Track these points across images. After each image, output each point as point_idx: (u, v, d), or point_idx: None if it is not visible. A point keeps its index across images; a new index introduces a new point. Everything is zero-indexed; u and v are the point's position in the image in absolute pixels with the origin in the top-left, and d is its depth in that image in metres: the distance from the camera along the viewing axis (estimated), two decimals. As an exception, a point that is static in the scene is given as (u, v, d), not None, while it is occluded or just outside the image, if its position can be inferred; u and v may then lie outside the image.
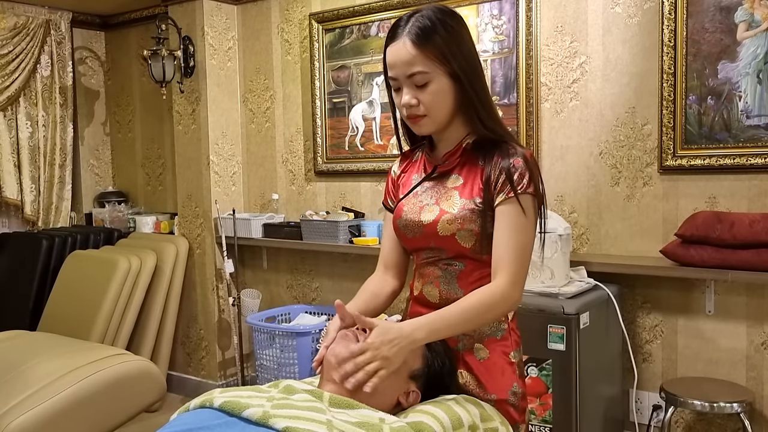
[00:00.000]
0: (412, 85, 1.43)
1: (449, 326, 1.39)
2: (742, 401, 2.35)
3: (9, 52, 4.08)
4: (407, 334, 1.34)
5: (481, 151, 1.50)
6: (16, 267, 4.00)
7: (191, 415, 1.26)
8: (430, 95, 1.43)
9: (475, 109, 1.47)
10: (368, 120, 3.53)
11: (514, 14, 2.98)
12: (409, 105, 1.44)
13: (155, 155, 4.50)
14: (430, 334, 1.37)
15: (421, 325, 1.37)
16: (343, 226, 3.41)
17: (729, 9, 2.52)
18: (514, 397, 1.51)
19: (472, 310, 1.41)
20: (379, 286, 1.65)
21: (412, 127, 1.51)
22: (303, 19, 3.72)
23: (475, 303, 1.41)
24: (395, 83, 1.47)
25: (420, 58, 1.40)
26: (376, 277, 1.68)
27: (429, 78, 1.42)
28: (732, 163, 2.55)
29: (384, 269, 1.68)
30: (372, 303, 1.62)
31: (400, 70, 1.43)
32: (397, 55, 1.43)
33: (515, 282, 1.43)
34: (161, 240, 4.03)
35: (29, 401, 2.52)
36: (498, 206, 1.45)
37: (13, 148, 4.18)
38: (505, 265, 1.43)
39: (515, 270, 1.43)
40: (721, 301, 2.62)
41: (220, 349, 4.04)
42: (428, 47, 1.40)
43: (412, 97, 1.44)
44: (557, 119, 2.94)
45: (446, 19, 1.44)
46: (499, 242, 1.45)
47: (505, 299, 1.43)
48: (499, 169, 1.46)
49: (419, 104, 1.44)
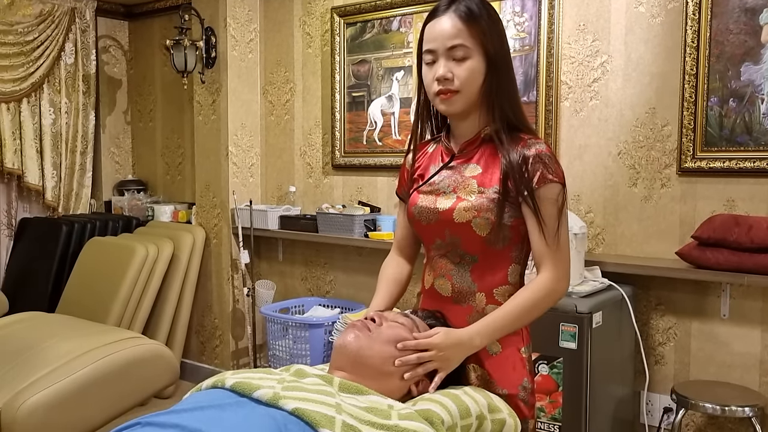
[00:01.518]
0: (450, 59, 1.45)
1: (503, 327, 1.46)
2: (754, 406, 2.33)
3: (34, 39, 4.14)
4: (467, 340, 1.42)
5: (500, 141, 1.50)
6: (36, 251, 4.06)
7: (203, 395, 1.28)
8: (466, 71, 1.45)
9: (501, 97, 1.49)
10: (387, 115, 3.54)
11: (536, 11, 2.98)
12: (444, 78, 1.45)
13: (175, 145, 4.54)
14: (485, 339, 1.45)
15: (478, 331, 1.43)
16: (358, 220, 3.42)
17: (754, 10, 2.50)
18: (524, 392, 1.52)
19: (522, 309, 1.46)
20: (398, 271, 1.71)
21: (442, 103, 1.49)
22: (325, 12, 3.74)
23: (524, 301, 1.46)
24: (431, 56, 1.47)
25: (464, 33, 1.43)
26: (392, 260, 1.73)
27: (468, 54, 1.44)
28: (752, 166, 2.53)
29: (398, 253, 1.74)
30: (395, 290, 1.68)
31: (440, 43, 1.45)
32: (441, 27, 1.45)
33: (561, 275, 1.47)
34: (178, 229, 4.07)
35: (45, 380, 2.56)
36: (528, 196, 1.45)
37: (36, 135, 4.24)
38: (548, 258, 1.46)
39: (559, 263, 1.46)
40: (737, 305, 2.60)
41: (233, 339, 4.07)
42: (473, 25, 1.44)
43: (447, 70, 1.45)
44: (576, 118, 2.93)
45: (489, 9, 1.49)
46: (534, 235, 1.47)
47: (552, 293, 1.47)
48: (523, 158, 1.45)
49: (453, 79, 1.45)
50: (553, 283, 1.46)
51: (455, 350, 1.40)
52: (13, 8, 4.06)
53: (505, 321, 1.45)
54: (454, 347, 1.40)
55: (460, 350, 1.41)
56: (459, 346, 1.40)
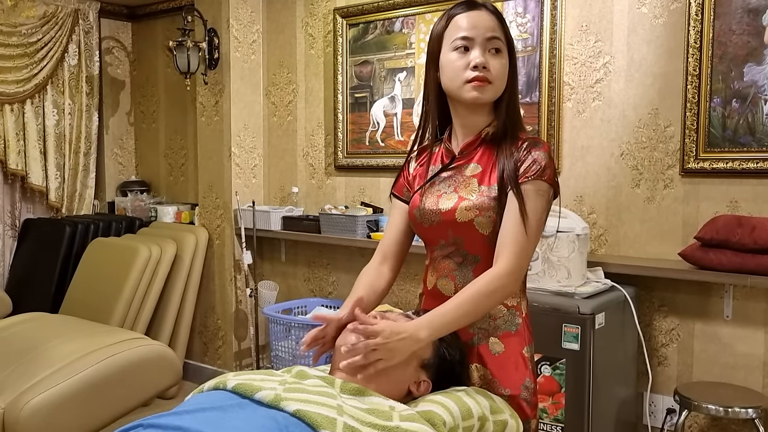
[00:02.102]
0: (487, 49, 1.48)
1: (452, 320, 1.41)
2: (757, 407, 2.32)
3: (38, 41, 4.15)
4: (413, 332, 1.36)
5: (499, 141, 1.52)
6: (39, 252, 4.08)
7: (205, 396, 1.28)
8: (501, 65, 1.50)
9: (509, 99, 1.53)
10: (389, 116, 3.54)
11: (538, 12, 2.98)
12: (483, 65, 1.47)
13: (178, 146, 4.55)
14: (432, 332, 1.39)
15: (423, 324, 1.38)
16: (361, 221, 3.42)
17: (757, 11, 2.50)
18: (526, 392, 1.52)
19: (471, 302, 1.42)
20: (376, 278, 1.64)
21: (474, 90, 1.48)
22: (327, 13, 3.74)
23: (473, 293, 1.42)
24: (466, 42, 1.48)
25: (500, 29, 1.50)
26: (372, 267, 1.67)
27: (503, 49, 1.50)
28: (755, 167, 2.52)
29: (381, 259, 1.67)
30: (370, 297, 1.61)
31: (481, 31, 1.48)
32: (481, 18, 1.50)
33: (515, 268, 1.44)
34: (181, 230, 4.08)
35: (48, 380, 2.57)
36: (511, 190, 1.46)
37: (40, 136, 4.25)
38: (507, 247, 1.44)
39: (517, 253, 1.44)
40: (740, 307, 2.60)
41: (236, 340, 4.07)
42: (505, 26, 1.52)
43: (485, 60, 1.47)
44: (579, 119, 2.93)
45: None
46: (505, 226, 1.46)
47: (503, 287, 1.44)
48: (516, 156, 1.48)
49: (490, 69, 1.48)
50: (507, 276, 1.42)
51: (400, 342, 1.33)
52: (17, 10, 4.08)
53: (454, 315, 1.40)
54: (398, 337, 1.33)
55: (404, 342, 1.34)
56: (404, 335, 1.34)
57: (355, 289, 1.63)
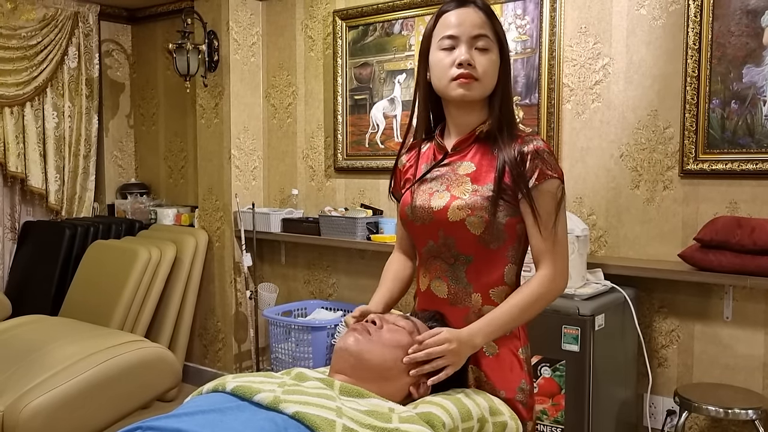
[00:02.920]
0: (473, 47, 1.47)
1: (503, 325, 1.45)
2: (757, 408, 2.32)
3: (37, 43, 4.16)
4: (468, 338, 1.41)
5: (494, 139, 1.50)
6: (39, 255, 4.07)
7: (204, 398, 1.28)
8: (488, 61, 1.48)
9: (501, 96, 1.51)
10: (389, 118, 3.54)
11: (537, 14, 2.98)
12: (468, 63, 1.46)
13: (178, 148, 4.55)
14: (485, 338, 1.44)
15: (479, 329, 1.43)
16: (361, 223, 3.42)
17: (756, 12, 2.50)
18: (522, 394, 1.51)
19: (521, 307, 1.45)
20: (402, 269, 1.72)
21: (459, 88, 1.48)
22: (327, 15, 3.75)
23: (523, 299, 1.46)
24: (451, 41, 1.48)
25: (488, 25, 1.49)
26: (396, 258, 1.74)
27: (490, 46, 1.48)
28: (754, 168, 2.52)
29: (402, 252, 1.75)
30: (396, 288, 1.68)
31: (466, 29, 1.47)
32: (468, 16, 1.48)
33: (559, 273, 1.47)
34: (181, 232, 4.08)
35: (48, 383, 2.57)
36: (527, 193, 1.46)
37: (39, 138, 4.25)
38: (546, 255, 1.46)
39: (557, 260, 1.46)
40: (740, 308, 2.60)
41: (236, 342, 4.07)
42: (495, 23, 1.50)
43: (471, 57, 1.47)
44: (578, 120, 2.93)
45: None
46: (533, 231, 1.47)
47: (550, 291, 1.47)
48: (521, 155, 1.46)
49: (476, 66, 1.47)
50: (551, 281, 1.46)
51: (462, 347, 1.39)
52: (17, 13, 4.08)
53: (504, 319, 1.44)
54: (461, 344, 1.39)
55: (465, 347, 1.40)
56: (463, 343, 1.40)
57: (383, 280, 1.69)
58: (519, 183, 1.45)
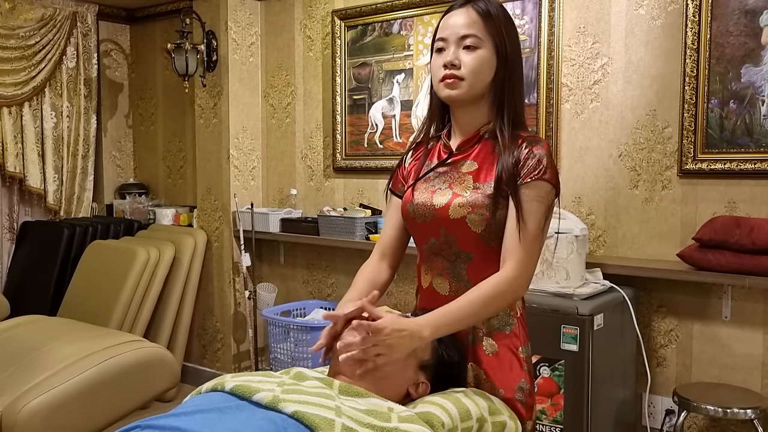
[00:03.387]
0: (460, 47, 1.47)
1: (455, 321, 1.40)
2: (756, 408, 2.32)
3: (36, 43, 4.15)
4: (416, 330, 1.34)
5: (497, 139, 1.50)
6: (37, 255, 4.07)
7: (203, 398, 1.28)
8: (474, 59, 1.46)
9: (506, 95, 1.50)
10: (388, 117, 3.54)
11: (536, 14, 2.98)
12: (451, 63, 1.46)
13: (176, 148, 4.54)
14: (435, 331, 1.37)
15: (426, 322, 1.37)
16: (360, 223, 3.42)
17: (754, 12, 2.50)
18: (521, 393, 1.51)
19: (476, 304, 1.41)
20: (376, 274, 1.64)
21: (445, 89, 1.49)
22: (326, 15, 3.74)
23: (479, 296, 1.41)
24: (442, 44, 1.49)
25: (479, 25, 1.47)
26: (371, 264, 1.66)
27: (479, 44, 1.47)
28: (753, 167, 2.53)
29: (380, 257, 1.67)
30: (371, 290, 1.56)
31: (453, 31, 1.48)
32: (456, 18, 1.48)
33: (522, 272, 1.43)
34: (180, 232, 4.07)
35: (46, 383, 2.56)
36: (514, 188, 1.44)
37: (38, 138, 4.25)
38: (513, 252, 1.43)
39: (523, 258, 1.42)
40: (738, 307, 2.60)
41: (235, 342, 4.07)
42: (489, 20, 1.47)
43: (456, 57, 1.47)
44: (577, 120, 2.93)
45: (506, 13, 1.52)
46: (510, 228, 1.44)
47: (509, 293, 1.43)
48: (516, 155, 1.46)
49: (461, 66, 1.47)
50: (510, 283, 1.42)
51: (400, 339, 1.31)
52: (15, 12, 4.08)
53: (458, 315, 1.39)
54: (399, 334, 1.31)
55: (405, 339, 1.32)
56: (405, 333, 1.32)
57: (355, 283, 1.62)
58: (511, 179, 1.45)
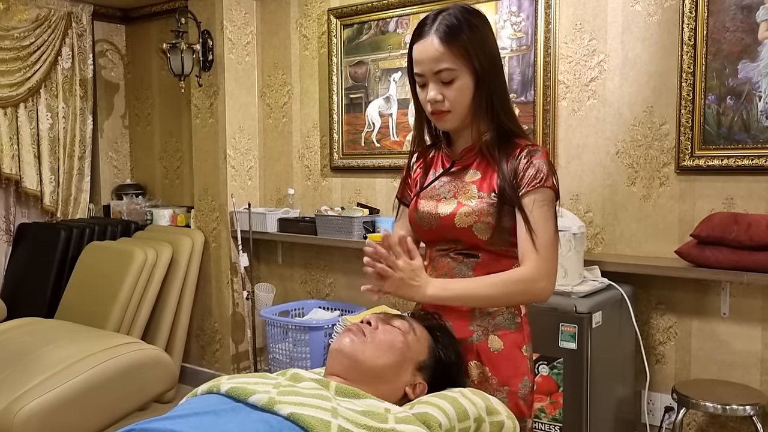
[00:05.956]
0: (438, 81, 1.47)
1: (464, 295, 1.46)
2: (755, 404, 2.32)
3: (31, 44, 4.14)
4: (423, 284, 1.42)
5: (497, 147, 1.52)
6: (34, 256, 4.06)
7: (198, 400, 1.27)
8: (455, 91, 1.47)
9: (494, 106, 1.50)
10: (385, 116, 3.53)
11: (533, 11, 2.97)
12: (435, 100, 1.48)
13: (173, 148, 4.53)
14: (439, 293, 1.44)
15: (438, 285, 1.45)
16: (357, 222, 3.42)
17: (751, 8, 2.49)
18: (524, 391, 1.53)
19: (488, 287, 1.45)
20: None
21: (436, 122, 1.54)
22: (321, 14, 3.73)
23: (496, 282, 1.45)
24: (421, 79, 1.50)
25: (447, 55, 1.44)
26: None
27: (455, 75, 1.46)
28: (750, 164, 2.52)
29: None
30: None
31: (427, 66, 1.47)
32: (425, 51, 1.46)
33: (544, 276, 1.44)
34: (177, 233, 4.06)
35: (43, 386, 2.55)
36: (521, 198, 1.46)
37: (34, 140, 4.24)
38: (531, 257, 1.44)
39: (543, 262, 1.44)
40: (737, 304, 2.59)
41: (233, 343, 4.06)
42: (454, 45, 1.44)
43: (438, 93, 1.47)
44: (574, 117, 2.93)
45: (471, 19, 1.47)
46: (522, 238, 1.46)
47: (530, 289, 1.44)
48: (519, 163, 1.48)
49: (444, 100, 1.47)
50: (534, 280, 1.43)
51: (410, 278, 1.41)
52: (9, 13, 4.06)
53: (468, 291, 1.45)
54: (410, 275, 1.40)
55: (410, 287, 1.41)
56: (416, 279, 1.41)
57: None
58: (513, 189, 1.47)
